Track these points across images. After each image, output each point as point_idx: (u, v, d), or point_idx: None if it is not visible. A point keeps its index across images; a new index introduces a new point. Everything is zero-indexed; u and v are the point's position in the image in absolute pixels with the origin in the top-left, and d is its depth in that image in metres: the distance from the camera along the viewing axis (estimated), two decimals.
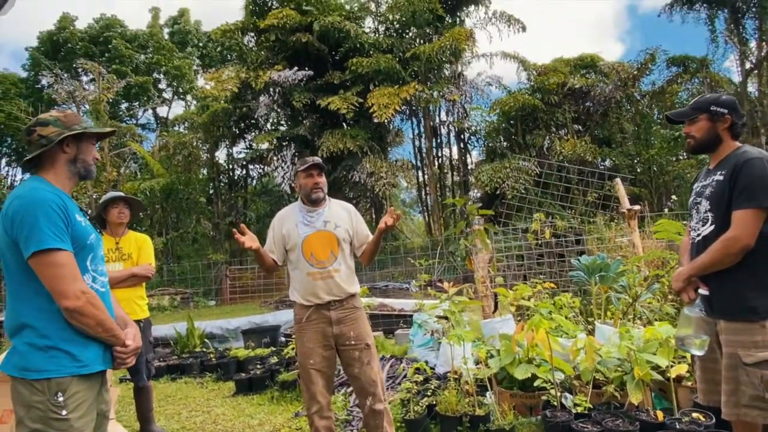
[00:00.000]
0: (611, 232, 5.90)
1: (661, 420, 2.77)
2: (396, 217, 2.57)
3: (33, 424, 1.53)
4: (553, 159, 17.64)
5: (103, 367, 1.70)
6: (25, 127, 1.80)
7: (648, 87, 19.23)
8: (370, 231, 2.86)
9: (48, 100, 19.95)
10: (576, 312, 4.51)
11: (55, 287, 1.56)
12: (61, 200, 1.63)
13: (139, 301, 3.49)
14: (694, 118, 2.21)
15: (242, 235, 2.54)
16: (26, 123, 18.79)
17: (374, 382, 2.63)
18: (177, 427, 3.71)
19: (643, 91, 19.19)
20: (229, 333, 6.47)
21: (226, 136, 20.06)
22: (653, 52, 18.05)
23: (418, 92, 16.88)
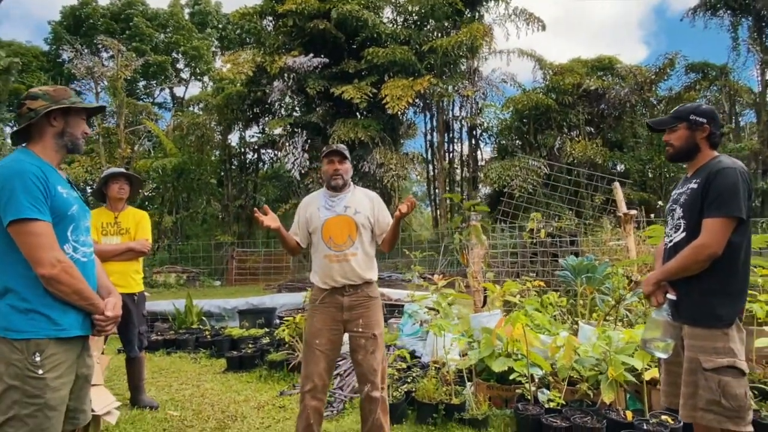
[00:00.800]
0: (607, 235, 5.93)
1: (630, 420, 2.83)
2: (411, 205, 2.62)
3: (11, 380, 1.62)
4: (563, 160, 17.56)
5: (81, 332, 1.78)
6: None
7: (665, 92, 19.00)
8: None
9: (68, 75, 20.26)
10: (563, 311, 4.57)
11: (32, 255, 1.64)
12: (41, 172, 1.71)
13: (134, 275, 3.61)
14: (674, 126, 2.25)
15: (264, 215, 2.61)
16: None
17: (375, 371, 2.69)
18: (166, 398, 3.86)
19: (660, 96, 18.96)
20: (226, 312, 6.63)
21: (239, 119, 20.23)
22: (673, 57, 17.80)
23: (433, 86, 16.84)
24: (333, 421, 3.33)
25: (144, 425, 3.25)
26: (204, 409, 3.61)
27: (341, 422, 3.31)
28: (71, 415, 1.81)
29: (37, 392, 1.63)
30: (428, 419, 3.18)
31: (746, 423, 1.98)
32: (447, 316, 4.25)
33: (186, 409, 3.60)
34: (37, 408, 1.62)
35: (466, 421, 3.14)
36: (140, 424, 3.27)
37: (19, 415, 1.61)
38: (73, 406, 1.81)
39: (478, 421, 3.11)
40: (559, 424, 2.78)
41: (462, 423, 3.14)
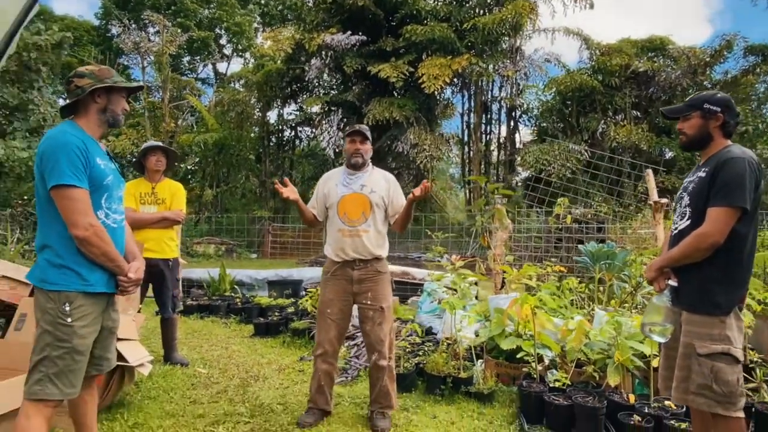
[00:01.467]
0: (637, 223, 5.81)
1: (632, 402, 2.89)
2: (426, 189, 2.73)
3: (45, 325, 1.88)
4: (606, 145, 17.00)
5: (106, 290, 2.00)
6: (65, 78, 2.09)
7: (720, 76, 17.91)
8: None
9: (116, 49, 21.02)
10: (582, 297, 4.58)
11: (68, 217, 1.86)
12: (83, 144, 1.91)
13: (169, 242, 3.88)
14: (687, 114, 2.24)
15: (284, 187, 2.80)
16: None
17: (382, 341, 2.86)
18: (197, 357, 4.17)
19: (715, 80, 17.90)
20: (256, 282, 6.97)
21: (278, 97, 20.53)
22: (731, 38, 16.72)
23: (472, 65, 16.53)
24: (347, 387, 3.54)
25: (174, 379, 3.56)
26: (230, 368, 3.89)
27: (354, 388, 3.50)
28: (96, 362, 2.06)
29: (66, 337, 1.87)
30: (436, 390, 3.33)
31: (737, 409, 2.02)
32: (464, 296, 4.36)
33: (213, 368, 3.90)
34: (66, 351, 1.87)
35: (473, 394, 3.27)
36: (171, 378, 3.58)
37: (51, 356, 1.85)
38: (99, 354, 2.06)
39: (484, 395, 3.24)
40: (561, 402, 2.87)
41: (468, 396, 3.28)
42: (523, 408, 3.01)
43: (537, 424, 2.91)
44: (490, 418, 3.00)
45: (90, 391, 2.13)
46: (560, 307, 4.10)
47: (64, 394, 1.88)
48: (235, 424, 2.82)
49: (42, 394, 1.84)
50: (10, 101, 12.02)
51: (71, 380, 1.89)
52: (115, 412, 2.90)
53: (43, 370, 1.85)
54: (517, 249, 5.98)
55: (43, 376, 1.85)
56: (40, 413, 1.84)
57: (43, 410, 1.85)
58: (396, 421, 2.90)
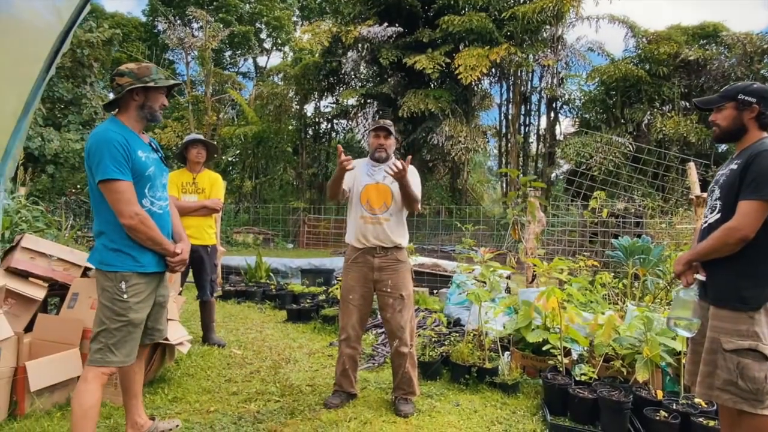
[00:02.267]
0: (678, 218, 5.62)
1: (660, 398, 2.85)
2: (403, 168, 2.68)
3: (105, 301, 2.09)
4: (652, 137, 16.35)
5: (157, 269, 2.21)
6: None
7: None
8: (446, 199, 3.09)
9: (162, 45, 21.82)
10: (616, 292, 4.50)
11: (116, 207, 2.04)
12: (124, 139, 2.07)
13: (208, 230, 4.08)
14: (721, 106, 2.18)
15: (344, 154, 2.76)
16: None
17: (402, 328, 2.95)
18: (233, 339, 4.37)
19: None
20: (291, 270, 7.20)
21: (315, 90, 20.82)
22: None
23: (510, 54, 16.21)
24: (374, 372, 3.64)
25: (211, 359, 3.76)
26: (263, 350, 4.07)
27: (380, 374, 3.60)
28: (149, 333, 2.28)
29: (122, 312, 2.07)
30: (461, 379, 3.37)
31: (764, 406, 1.97)
32: (493, 288, 4.36)
33: (248, 350, 4.08)
34: (123, 324, 2.07)
35: (497, 384, 3.30)
36: (209, 357, 3.78)
37: (110, 329, 2.06)
38: (151, 326, 2.28)
39: (509, 385, 3.26)
40: (586, 395, 2.86)
41: (492, 386, 3.31)
42: (547, 399, 3.02)
43: (561, 415, 2.92)
44: (513, 408, 3.02)
45: (140, 362, 2.35)
46: (590, 301, 4.05)
47: (122, 361, 2.09)
48: (266, 402, 2.97)
49: (102, 361, 2.06)
50: (65, 96, 12.75)
51: (128, 349, 2.10)
52: (157, 386, 3.11)
53: (102, 341, 2.07)
54: (551, 243, 5.90)
55: (103, 346, 2.06)
56: (97, 378, 2.06)
57: (101, 376, 2.07)
58: (419, 406, 2.98)
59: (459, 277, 5.12)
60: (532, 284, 5.19)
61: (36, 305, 3.09)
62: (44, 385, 2.61)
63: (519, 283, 6.01)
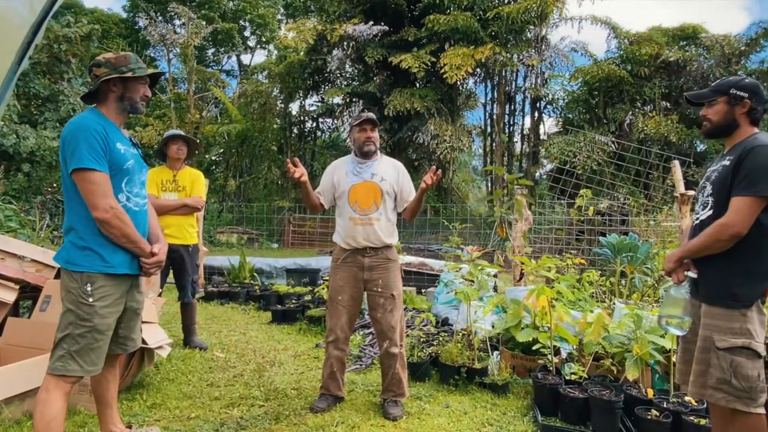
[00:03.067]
0: (663, 216, 5.65)
1: (650, 397, 2.82)
2: (436, 177, 2.71)
3: (68, 304, 1.95)
4: (633, 136, 16.55)
5: (129, 271, 2.05)
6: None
7: (756, 65, 17.19)
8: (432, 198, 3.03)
9: (143, 41, 21.41)
10: (603, 290, 4.49)
11: (89, 200, 1.91)
12: (103, 129, 1.95)
13: (189, 229, 3.96)
14: (713, 100, 2.16)
15: (294, 166, 2.74)
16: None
17: (393, 328, 2.88)
18: (215, 342, 4.26)
19: (750, 69, 17.18)
20: (275, 270, 7.07)
21: (300, 88, 20.61)
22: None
23: (495, 54, 16.26)
24: (361, 374, 3.56)
25: (193, 362, 3.64)
26: (247, 353, 3.96)
27: (368, 375, 3.53)
28: (121, 342, 2.13)
29: (87, 317, 1.93)
30: (450, 380, 3.32)
31: (757, 405, 1.95)
32: (481, 287, 4.32)
33: (231, 353, 3.97)
34: (87, 330, 1.93)
35: (487, 385, 3.25)
36: (190, 361, 3.66)
37: (73, 334, 1.92)
38: (124, 334, 2.12)
39: (498, 386, 3.21)
40: (576, 395, 2.83)
41: (482, 387, 3.26)
42: (538, 400, 2.98)
43: (551, 416, 2.88)
44: (503, 409, 2.97)
45: (112, 370, 2.20)
46: (579, 299, 4.03)
47: (85, 371, 1.95)
48: (249, 407, 2.88)
49: (63, 370, 1.91)
50: (41, 92, 12.39)
51: (92, 358, 1.95)
52: (135, 392, 2.99)
53: (65, 347, 1.92)
54: (538, 241, 5.89)
55: (66, 353, 1.92)
56: (59, 388, 1.92)
57: (63, 385, 1.93)
58: (408, 409, 2.91)
59: (447, 276, 5.07)
60: (520, 283, 5.16)
61: (6, 308, 2.95)
62: (13, 393, 2.47)
63: (506, 281, 5.99)
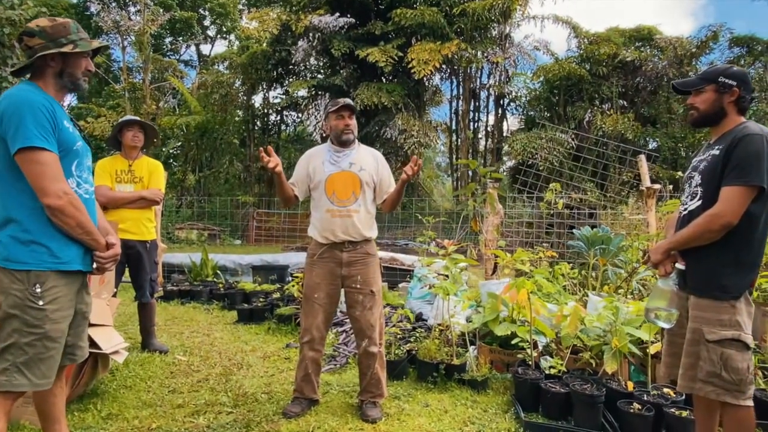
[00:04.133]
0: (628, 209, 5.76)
1: (631, 390, 2.80)
2: (417, 166, 2.58)
3: (11, 309, 1.66)
4: (592, 133, 17.02)
5: (81, 267, 1.80)
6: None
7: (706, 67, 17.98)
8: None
9: (95, 28, 20.29)
10: (574, 282, 4.50)
11: (38, 184, 1.64)
12: (49, 104, 1.70)
13: (146, 223, 3.67)
14: (700, 88, 2.12)
15: (268, 155, 2.55)
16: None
17: (372, 326, 2.73)
18: (177, 344, 3.98)
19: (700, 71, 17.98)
20: (241, 267, 6.78)
21: (263, 80, 20.10)
22: (717, 29, 16.79)
23: (461, 50, 16.33)
24: (335, 374, 3.40)
25: (152, 367, 3.38)
26: (212, 356, 3.73)
27: (343, 376, 3.37)
28: (69, 351, 1.86)
29: (37, 322, 1.67)
30: (428, 378, 3.21)
31: (746, 397, 1.93)
32: (456, 281, 4.24)
33: (194, 355, 3.72)
34: (37, 338, 1.67)
35: (466, 381, 3.16)
36: (149, 366, 3.39)
37: (19, 344, 1.66)
38: (72, 342, 1.86)
39: (478, 382, 3.13)
40: (558, 390, 2.77)
41: (461, 383, 3.17)
42: (519, 396, 2.92)
43: (533, 411, 2.82)
44: (484, 406, 2.89)
45: (59, 383, 1.93)
46: (552, 292, 4.01)
47: (35, 385, 1.69)
48: (216, 415, 2.67)
49: (8, 385, 1.65)
50: None
51: (43, 370, 1.69)
52: (88, 402, 2.73)
53: (9, 359, 1.65)
54: (508, 235, 5.88)
55: (10, 366, 1.65)
56: (0, 406, 1.65)
57: (3, 402, 1.66)
58: (387, 409, 2.78)
59: (420, 271, 4.97)
60: (493, 276, 5.13)
61: None
62: None
63: (477, 275, 5.95)
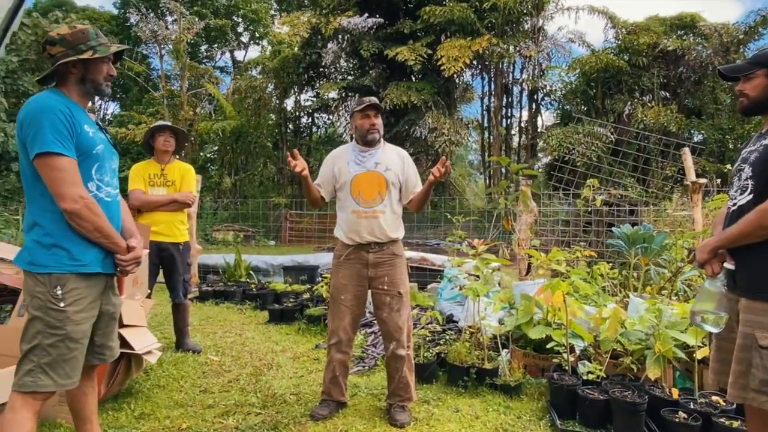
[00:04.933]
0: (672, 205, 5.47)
1: (676, 398, 2.64)
2: (445, 168, 2.51)
3: (34, 311, 1.71)
4: (632, 127, 16.38)
5: (102, 269, 1.82)
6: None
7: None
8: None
9: (134, 38, 21.06)
10: (614, 283, 4.31)
11: (55, 189, 1.68)
12: (68, 109, 1.72)
13: (179, 226, 3.74)
14: (750, 74, 1.95)
15: (294, 159, 2.56)
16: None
17: (400, 328, 2.68)
18: (210, 344, 4.05)
19: None
20: (272, 268, 6.86)
21: (294, 83, 20.35)
22: (766, 14, 15.83)
23: (492, 45, 16.04)
24: (364, 377, 3.37)
25: (186, 367, 3.43)
26: (243, 356, 3.76)
27: (372, 378, 3.33)
28: (98, 351, 1.90)
29: (58, 324, 1.70)
30: (459, 382, 3.12)
31: None
32: (487, 282, 4.12)
33: (226, 355, 3.76)
34: (59, 339, 1.70)
35: (498, 386, 3.06)
36: (182, 365, 3.45)
37: (42, 345, 1.69)
38: (100, 342, 1.90)
39: (511, 387, 3.02)
40: (596, 397, 2.64)
41: (493, 388, 3.07)
42: (554, 402, 2.79)
43: (569, 419, 2.69)
44: (517, 413, 2.78)
45: (89, 381, 1.98)
46: (591, 293, 3.84)
47: (59, 385, 1.73)
48: (245, 416, 2.67)
49: (34, 385, 1.69)
50: (30, 90, 12.10)
51: (66, 370, 1.73)
52: (122, 401, 2.79)
53: (34, 360, 1.70)
54: (543, 233, 5.70)
55: (35, 366, 1.69)
56: (27, 406, 1.69)
57: (31, 403, 1.70)
58: (416, 414, 2.72)
59: (451, 271, 4.87)
60: (527, 277, 4.98)
61: None
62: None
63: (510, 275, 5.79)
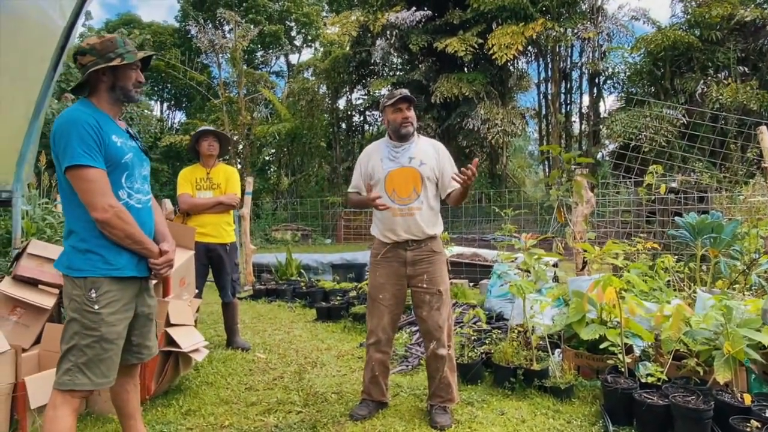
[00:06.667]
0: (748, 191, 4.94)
1: (748, 404, 2.36)
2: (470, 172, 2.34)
3: (72, 313, 1.81)
4: (706, 107, 15.11)
5: (135, 273, 1.89)
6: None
7: None
8: (485, 186, 2.71)
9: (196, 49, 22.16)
10: (681, 277, 3.96)
11: (86, 200, 1.76)
12: (95, 121, 1.79)
13: (226, 227, 3.85)
14: None
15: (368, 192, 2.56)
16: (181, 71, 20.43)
17: (440, 327, 2.60)
18: (259, 342, 4.15)
19: None
20: (322, 266, 6.96)
21: (345, 82, 20.62)
22: None
23: (547, 30, 15.36)
24: (407, 376, 3.31)
25: (234, 365, 3.53)
26: (289, 354, 3.82)
27: (415, 378, 3.26)
28: (136, 350, 1.98)
29: (93, 325, 1.78)
30: (505, 383, 2.98)
31: None
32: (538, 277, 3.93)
33: (273, 353, 3.84)
34: (95, 340, 1.78)
35: (548, 388, 2.89)
36: (231, 363, 3.55)
37: (79, 345, 1.78)
38: (137, 342, 1.97)
39: (561, 390, 2.84)
40: (655, 401, 2.42)
41: (542, 390, 2.90)
42: (608, 406, 2.60)
43: (625, 425, 2.49)
44: (568, 417, 2.61)
45: (131, 379, 2.06)
46: (653, 289, 3.54)
47: (96, 384, 1.81)
48: (286, 414, 2.70)
49: (71, 384, 1.78)
50: None
51: (102, 370, 1.81)
52: (171, 397, 2.90)
53: (72, 360, 1.79)
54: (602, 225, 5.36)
55: (73, 366, 1.79)
56: (67, 404, 1.79)
57: (71, 401, 1.79)
58: (458, 416, 2.62)
59: (500, 267, 4.69)
60: (583, 272, 4.69)
61: (46, 314, 2.93)
62: (46, 401, 2.42)
63: (567, 271, 5.51)
